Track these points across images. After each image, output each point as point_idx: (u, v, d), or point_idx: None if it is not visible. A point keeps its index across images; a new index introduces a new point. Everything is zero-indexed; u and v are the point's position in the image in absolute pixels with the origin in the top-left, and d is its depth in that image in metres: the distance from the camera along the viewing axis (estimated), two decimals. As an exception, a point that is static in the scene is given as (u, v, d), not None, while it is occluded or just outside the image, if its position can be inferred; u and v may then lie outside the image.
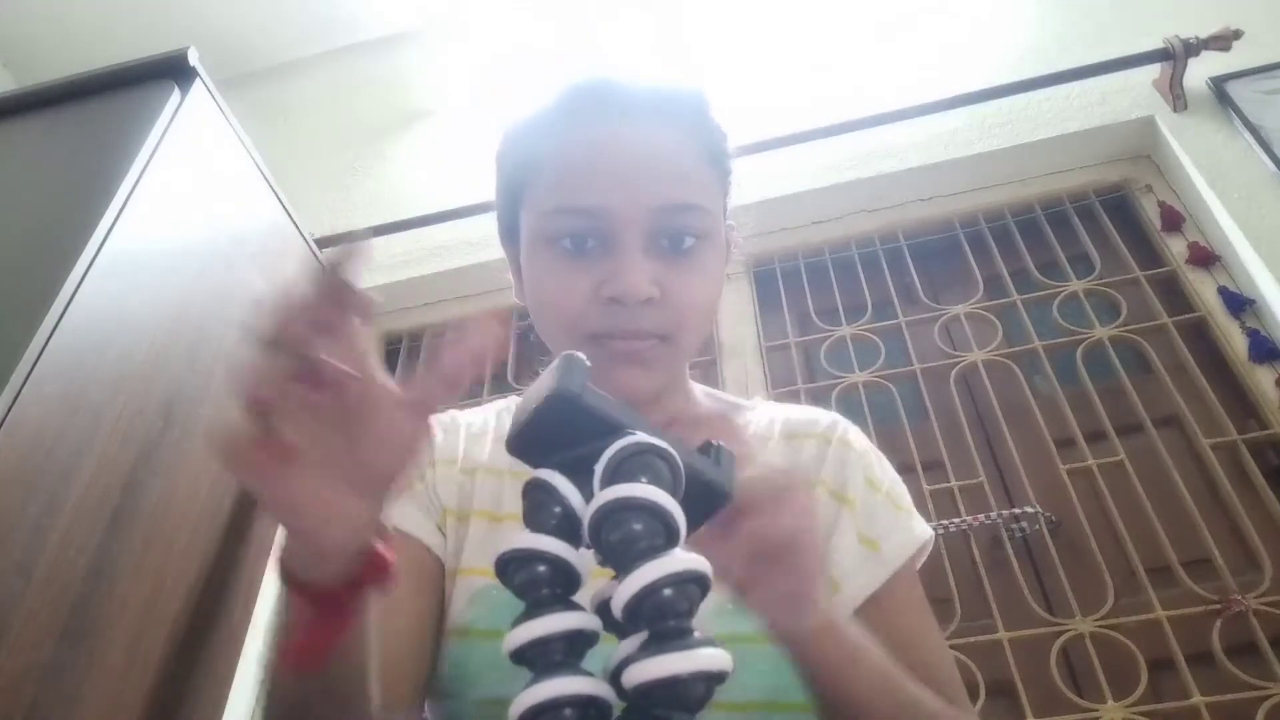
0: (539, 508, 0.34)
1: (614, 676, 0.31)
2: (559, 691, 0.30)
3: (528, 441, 0.35)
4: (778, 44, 2.07)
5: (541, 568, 0.33)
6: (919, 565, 0.66)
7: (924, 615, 0.64)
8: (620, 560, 0.32)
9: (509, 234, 0.66)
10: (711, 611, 0.34)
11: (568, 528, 0.34)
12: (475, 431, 0.72)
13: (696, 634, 0.31)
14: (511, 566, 0.33)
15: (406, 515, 0.63)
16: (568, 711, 0.30)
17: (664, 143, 0.59)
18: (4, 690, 0.76)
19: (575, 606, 0.33)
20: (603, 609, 0.34)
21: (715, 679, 0.29)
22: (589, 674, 0.31)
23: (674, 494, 0.32)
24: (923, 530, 0.66)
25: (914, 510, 0.67)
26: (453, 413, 0.75)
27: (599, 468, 0.33)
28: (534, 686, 0.30)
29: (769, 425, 0.70)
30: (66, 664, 0.84)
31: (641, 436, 0.33)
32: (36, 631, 0.81)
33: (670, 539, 0.32)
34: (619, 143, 0.58)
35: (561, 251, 0.58)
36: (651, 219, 0.57)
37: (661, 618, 0.30)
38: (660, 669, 0.28)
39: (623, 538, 0.31)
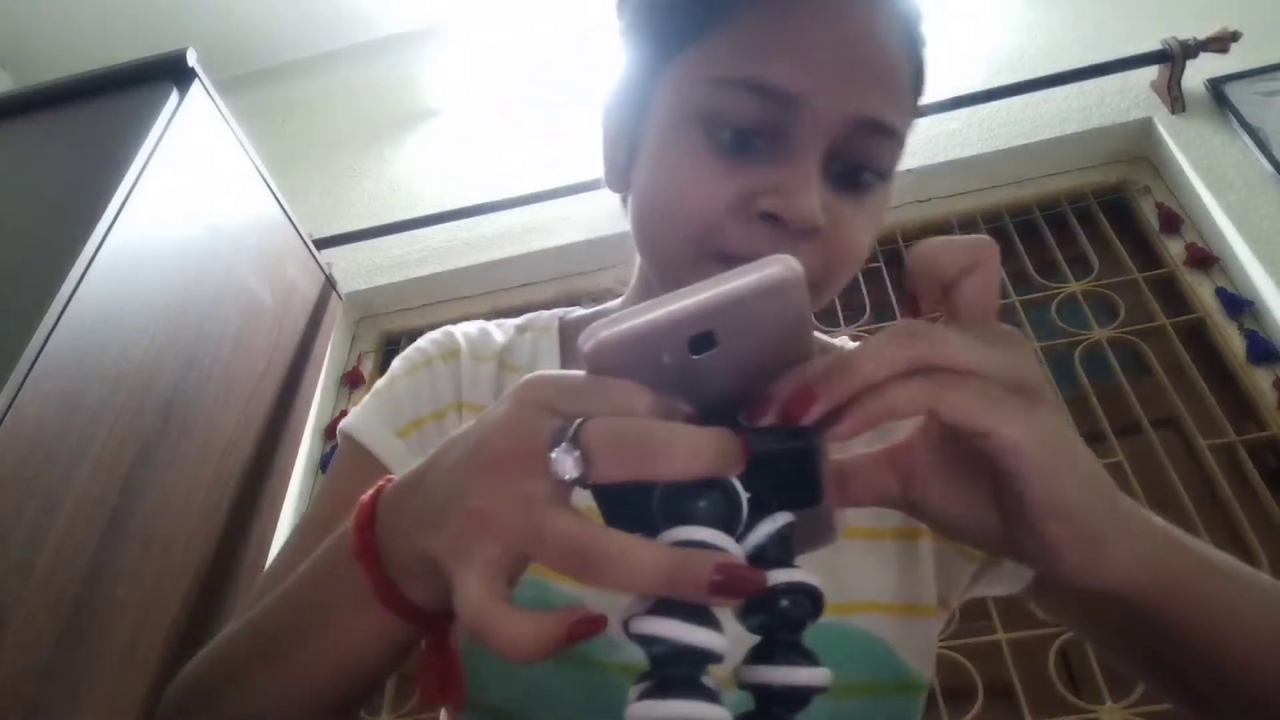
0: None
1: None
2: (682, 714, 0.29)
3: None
4: (777, 45, 2.07)
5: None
6: None
7: None
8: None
9: (631, 98, 0.50)
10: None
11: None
12: (515, 362, 0.59)
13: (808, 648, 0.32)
14: None
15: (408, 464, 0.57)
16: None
17: (892, 48, 0.46)
18: (3, 690, 0.76)
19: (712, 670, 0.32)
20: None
21: (819, 691, 0.31)
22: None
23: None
24: None
25: None
26: (481, 325, 0.62)
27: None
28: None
29: None
30: (65, 665, 0.84)
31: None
32: (35, 632, 0.81)
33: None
34: (845, 23, 0.43)
35: (716, 143, 0.44)
36: (846, 131, 0.43)
37: (784, 625, 0.32)
38: (789, 677, 0.30)
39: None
